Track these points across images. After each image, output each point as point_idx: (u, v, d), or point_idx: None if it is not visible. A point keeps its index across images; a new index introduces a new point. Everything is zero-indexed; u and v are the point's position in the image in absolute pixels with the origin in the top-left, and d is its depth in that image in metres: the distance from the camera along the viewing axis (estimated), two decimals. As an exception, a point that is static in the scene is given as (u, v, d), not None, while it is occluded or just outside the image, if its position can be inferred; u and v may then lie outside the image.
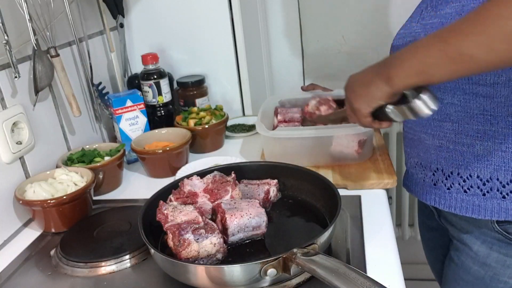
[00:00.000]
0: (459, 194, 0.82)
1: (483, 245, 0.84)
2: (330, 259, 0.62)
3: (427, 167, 0.87)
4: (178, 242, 0.70)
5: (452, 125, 0.80)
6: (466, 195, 0.82)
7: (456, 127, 0.80)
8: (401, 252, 0.79)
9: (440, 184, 0.85)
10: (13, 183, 0.95)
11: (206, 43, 1.39)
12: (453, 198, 0.83)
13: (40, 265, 0.83)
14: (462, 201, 0.82)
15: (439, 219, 0.95)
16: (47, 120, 1.07)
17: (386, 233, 0.83)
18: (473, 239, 0.85)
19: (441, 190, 0.85)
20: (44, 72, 1.00)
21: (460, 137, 0.80)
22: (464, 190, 0.82)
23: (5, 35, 0.89)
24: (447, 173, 0.84)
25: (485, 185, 0.79)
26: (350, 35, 1.63)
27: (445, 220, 0.92)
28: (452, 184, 0.83)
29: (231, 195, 0.84)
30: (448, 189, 0.84)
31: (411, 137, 0.91)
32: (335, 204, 0.77)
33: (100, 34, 1.34)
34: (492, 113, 0.75)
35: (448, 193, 0.84)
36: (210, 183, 0.86)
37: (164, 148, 1.11)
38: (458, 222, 0.87)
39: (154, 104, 1.30)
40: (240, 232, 0.76)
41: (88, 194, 0.96)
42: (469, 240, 0.86)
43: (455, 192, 0.83)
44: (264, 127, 1.04)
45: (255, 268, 0.64)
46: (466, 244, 0.87)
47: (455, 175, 0.82)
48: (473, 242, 0.85)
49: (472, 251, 0.86)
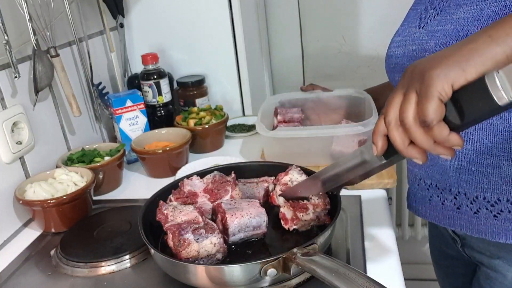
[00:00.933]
0: (488, 219, 0.74)
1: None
2: (330, 259, 0.62)
3: (446, 190, 0.78)
4: (178, 242, 0.70)
5: (473, 144, 0.71)
6: (496, 220, 0.73)
7: (477, 147, 0.71)
8: (401, 252, 0.78)
9: (465, 208, 0.76)
10: (13, 183, 0.95)
11: (206, 43, 1.39)
12: (482, 224, 0.74)
13: (40, 265, 0.83)
14: (493, 226, 0.73)
15: (462, 249, 0.86)
16: (47, 120, 1.07)
17: (386, 233, 0.83)
18: (506, 265, 0.77)
19: (467, 215, 0.76)
20: (44, 72, 1.00)
21: (484, 157, 0.71)
22: (494, 215, 0.73)
23: (5, 35, 0.89)
24: (471, 197, 0.74)
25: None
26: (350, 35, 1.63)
27: (470, 249, 0.83)
28: (479, 209, 0.74)
29: (231, 195, 0.84)
30: (475, 213, 0.75)
31: None
32: (335, 204, 0.77)
33: (100, 34, 1.34)
34: None
35: (476, 218, 0.75)
36: (210, 183, 0.86)
37: (164, 148, 1.11)
38: (487, 248, 0.79)
39: (154, 104, 1.30)
40: (241, 232, 0.76)
41: (88, 194, 0.96)
42: (502, 267, 0.78)
43: (483, 217, 0.74)
44: (264, 127, 1.04)
45: (255, 268, 0.64)
46: (498, 272, 0.79)
47: (481, 199, 0.73)
48: (506, 269, 0.77)
49: (507, 279, 0.78)
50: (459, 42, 0.50)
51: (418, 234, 1.83)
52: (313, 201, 0.78)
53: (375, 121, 0.99)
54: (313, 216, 0.78)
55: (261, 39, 1.59)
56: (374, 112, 1.03)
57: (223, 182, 0.86)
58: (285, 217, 0.80)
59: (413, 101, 0.48)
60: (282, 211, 0.81)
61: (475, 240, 0.81)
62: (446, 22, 0.70)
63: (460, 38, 0.66)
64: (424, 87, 0.47)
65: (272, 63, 1.73)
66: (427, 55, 0.58)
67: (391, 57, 0.82)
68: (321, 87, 1.24)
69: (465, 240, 0.84)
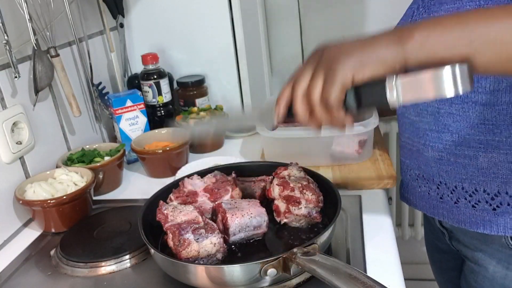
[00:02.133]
0: (467, 209, 0.77)
1: (498, 265, 0.79)
2: (330, 259, 0.62)
3: (430, 180, 0.82)
4: (178, 242, 0.70)
5: (452, 136, 0.75)
6: (474, 210, 0.76)
7: (456, 138, 0.74)
8: (401, 252, 0.78)
9: (447, 198, 0.79)
10: (13, 183, 0.95)
11: (206, 43, 1.39)
12: (461, 213, 0.78)
13: (40, 265, 0.83)
14: (472, 216, 0.76)
15: (450, 242, 0.90)
16: (47, 120, 1.07)
17: (386, 233, 0.83)
18: (488, 258, 0.80)
19: (448, 205, 0.80)
20: (44, 72, 1.00)
21: (461, 149, 0.74)
22: (472, 205, 0.76)
23: (5, 35, 0.89)
24: (451, 187, 0.78)
25: (493, 200, 0.73)
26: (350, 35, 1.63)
27: (456, 242, 0.87)
28: (458, 198, 0.77)
29: (231, 195, 0.84)
30: (455, 203, 0.78)
31: (410, 147, 0.85)
32: (335, 204, 0.77)
33: (100, 34, 1.34)
34: (494, 122, 0.70)
35: (456, 208, 0.78)
36: (211, 183, 0.86)
37: (164, 148, 1.11)
38: (470, 242, 0.82)
39: (154, 104, 1.30)
40: (241, 231, 0.76)
41: (88, 194, 0.96)
42: (484, 260, 0.80)
43: (463, 206, 0.77)
44: (264, 127, 1.04)
45: (255, 268, 0.64)
46: (481, 265, 0.81)
47: (460, 189, 0.77)
48: (488, 262, 0.80)
49: (489, 272, 0.80)
50: (372, 35, 0.54)
51: (418, 234, 1.83)
52: (307, 196, 0.79)
53: (376, 121, 1.00)
54: (304, 212, 0.79)
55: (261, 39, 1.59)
56: (374, 113, 1.03)
57: (223, 182, 0.86)
58: (278, 209, 0.82)
59: (320, 82, 0.53)
60: (276, 203, 0.82)
61: (460, 233, 0.83)
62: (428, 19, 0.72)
63: None
64: (331, 72, 0.52)
65: (272, 63, 1.73)
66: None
67: None
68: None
69: (452, 233, 0.87)
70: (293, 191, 0.80)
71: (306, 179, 0.83)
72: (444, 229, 0.89)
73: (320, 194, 0.80)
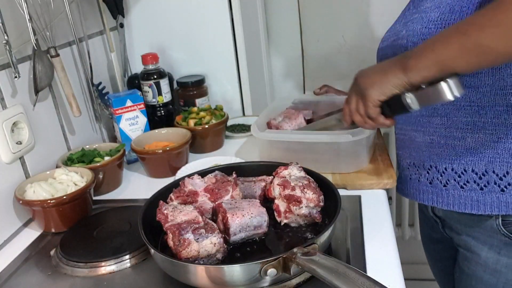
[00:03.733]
0: (456, 190, 0.81)
1: (490, 250, 0.81)
2: (330, 259, 0.62)
3: (420, 166, 0.87)
4: (178, 242, 0.70)
5: (441, 119, 0.80)
6: (463, 191, 0.80)
7: (445, 121, 0.79)
8: (401, 252, 0.78)
9: (436, 181, 0.84)
10: (13, 183, 0.95)
11: (206, 43, 1.39)
12: (450, 195, 0.82)
13: (40, 265, 0.83)
14: (460, 198, 0.81)
15: (443, 230, 0.93)
16: (47, 120, 1.07)
17: (386, 233, 0.83)
18: (480, 245, 0.83)
19: (437, 188, 0.84)
20: (44, 72, 1.00)
21: (450, 130, 0.79)
22: (461, 186, 0.80)
23: (5, 35, 0.89)
24: (441, 169, 0.83)
25: (481, 179, 0.78)
26: (350, 35, 1.64)
27: (449, 230, 0.90)
28: (448, 180, 0.82)
29: (231, 195, 0.84)
30: (444, 186, 0.83)
31: (402, 137, 0.90)
32: (335, 204, 0.77)
33: (100, 34, 1.34)
34: (479, 103, 0.75)
35: (445, 191, 0.83)
36: (211, 183, 0.86)
37: (164, 148, 1.11)
38: (462, 229, 0.85)
39: (154, 104, 1.30)
40: (242, 231, 0.76)
41: (88, 194, 0.96)
42: (476, 247, 0.83)
43: (451, 188, 0.82)
44: (256, 128, 1.03)
45: (255, 268, 0.64)
46: (473, 252, 0.84)
47: (450, 170, 0.81)
48: (480, 248, 0.83)
49: (481, 258, 0.83)
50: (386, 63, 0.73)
51: (418, 234, 1.83)
52: (308, 195, 0.79)
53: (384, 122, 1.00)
54: (305, 211, 0.79)
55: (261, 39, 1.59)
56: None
57: (224, 182, 0.86)
58: (278, 209, 0.82)
59: (361, 105, 0.78)
60: (277, 203, 0.83)
61: (452, 220, 0.87)
62: (416, 12, 0.80)
63: (424, 23, 0.76)
64: (364, 98, 0.76)
65: (272, 63, 1.73)
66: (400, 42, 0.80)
67: (379, 50, 0.91)
68: (334, 89, 1.22)
69: (445, 221, 0.90)
70: (294, 190, 0.80)
71: (306, 179, 0.83)
72: (437, 217, 0.92)
73: (321, 193, 0.80)
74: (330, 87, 1.23)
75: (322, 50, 1.67)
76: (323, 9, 1.62)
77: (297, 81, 1.73)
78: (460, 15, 0.71)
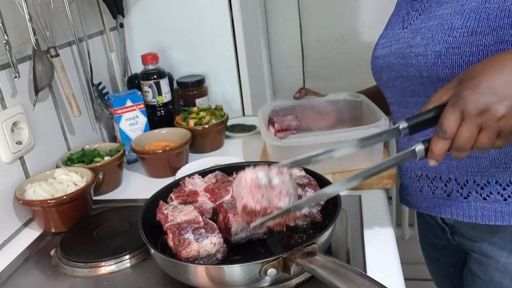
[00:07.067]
0: (478, 202, 0.78)
1: (510, 255, 0.79)
2: (330, 259, 0.62)
3: (436, 178, 0.82)
4: (178, 242, 0.70)
5: None
6: (486, 203, 0.77)
7: None
8: (401, 252, 0.78)
9: (456, 194, 0.80)
10: (13, 183, 0.95)
11: (206, 43, 1.39)
12: (472, 208, 0.78)
13: (40, 265, 0.83)
14: (483, 209, 0.77)
15: (451, 237, 0.90)
16: (47, 120, 1.07)
17: (386, 233, 0.83)
18: (499, 250, 0.80)
19: (457, 201, 0.80)
20: (44, 72, 1.00)
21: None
22: (483, 197, 0.77)
23: (5, 35, 0.89)
24: (462, 182, 0.79)
25: (505, 190, 0.75)
26: (350, 35, 1.64)
27: (460, 236, 0.87)
28: (469, 193, 0.78)
29: (231, 196, 0.84)
30: (465, 198, 0.79)
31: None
32: (335, 204, 0.77)
33: (100, 34, 1.34)
34: None
35: (466, 203, 0.79)
36: (211, 183, 0.86)
37: (164, 148, 1.11)
38: (478, 235, 0.82)
39: (154, 104, 1.30)
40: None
41: (88, 194, 0.96)
42: (494, 252, 0.81)
43: (473, 201, 0.78)
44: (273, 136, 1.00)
45: (255, 268, 0.64)
46: (491, 257, 0.81)
47: (471, 183, 0.77)
48: (499, 254, 0.80)
49: (500, 264, 0.80)
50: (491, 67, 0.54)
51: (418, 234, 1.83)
52: (309, 194, 0.79)
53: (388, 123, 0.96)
54: (306, 211, 0.79)
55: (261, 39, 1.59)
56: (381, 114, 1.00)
57: (224, 182, 0.86)
58: None
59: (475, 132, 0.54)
60: None
61: (465, 227, 0.84)
62: (429, 19, 0.75)
63: (445, 31, 0.71)
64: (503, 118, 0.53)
65: (272, 63, 1.73)
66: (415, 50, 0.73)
67: (377, 58, 0.86)
68: (313, 92, 1.19)
69: (455, 228, 0.87)
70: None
71: (307, 178, 0.83)
72: (445, 225, 0.89)
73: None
74: (308, 90, 1.19)
75: (322, 50, 1.67)
76: (323, 9, 1.62)
77: (297, 81, 1.73)
78: (488, 23, 0.67)
